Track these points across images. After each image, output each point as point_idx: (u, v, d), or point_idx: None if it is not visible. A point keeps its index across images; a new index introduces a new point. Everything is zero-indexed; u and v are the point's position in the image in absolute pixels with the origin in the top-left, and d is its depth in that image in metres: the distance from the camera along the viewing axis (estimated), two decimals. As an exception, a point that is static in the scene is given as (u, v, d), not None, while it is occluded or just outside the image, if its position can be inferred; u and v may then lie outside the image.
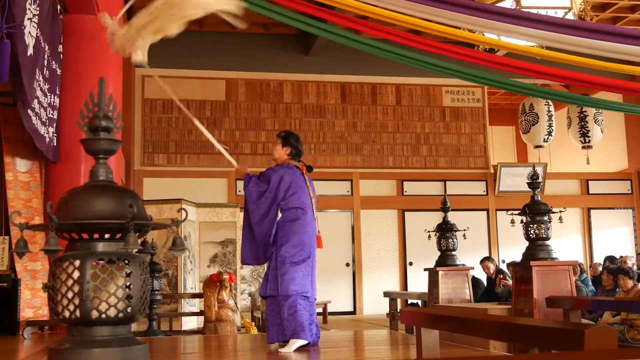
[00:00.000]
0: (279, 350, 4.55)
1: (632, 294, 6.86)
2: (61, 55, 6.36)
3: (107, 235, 2.09)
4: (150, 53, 12.54)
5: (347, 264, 12.75)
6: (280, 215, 4.81)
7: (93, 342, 1.99)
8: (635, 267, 9.37)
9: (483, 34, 7.41)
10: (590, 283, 8.97)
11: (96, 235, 2.07)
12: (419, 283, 11.43)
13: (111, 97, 2.23)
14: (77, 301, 1.97)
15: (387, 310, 8.54)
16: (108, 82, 6.59)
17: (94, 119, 2.15)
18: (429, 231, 6.99)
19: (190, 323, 8.49)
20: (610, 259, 10.22)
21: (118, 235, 2.10)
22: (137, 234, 2.11)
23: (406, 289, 12.49)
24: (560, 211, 4.96)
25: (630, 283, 6.94)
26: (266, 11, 6.33)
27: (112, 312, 1.99)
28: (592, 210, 13.89)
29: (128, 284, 2.03)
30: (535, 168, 5.15)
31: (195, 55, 12.52)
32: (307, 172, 5.01)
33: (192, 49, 12.49)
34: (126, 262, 2.04)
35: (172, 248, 2.26)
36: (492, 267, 9.05)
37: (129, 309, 2.02)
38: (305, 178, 4.94)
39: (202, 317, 7.22)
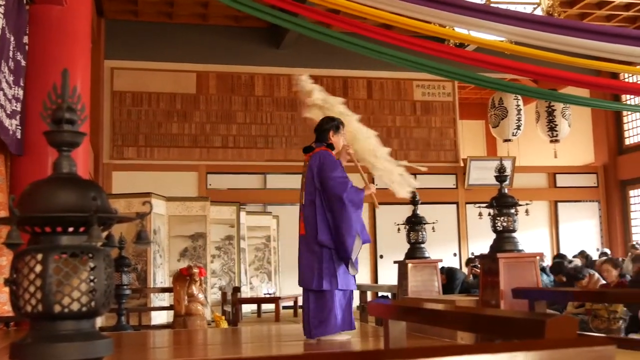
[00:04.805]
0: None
1: (592, 286, 7.03)
2: (26, 47, 6.25)
3: (70, 229, 2.06)
4: (120, 45, 12.46)
5: (318, 258, 12.75)
6: None
7: (56, 336, 1.96)
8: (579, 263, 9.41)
9: (453, 29, 7.47)
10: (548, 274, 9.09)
11: (59, 229, 2.05)
12: (389, 276, 11.50)
13: (75, 89, 2.20)
14: (39, 295, 1.94)
15: (357, 302, 8.57)
16: (76, 74, 6.51)
17: (57, 110, 2.12)
18: (398, 224, 7.03)
19: (160, 317, 8.45)
20: (560, 256, 10.40)
21: (82, 229, 2.07)
22: (102, 227, 2.09)
23: (377, 282, 12.56)
24: (527, 204, 5.03)
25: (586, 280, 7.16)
26: (237, 4, 6.30)
27: (75, 306, 1.96)
28: (559, 203, 14.11)
29: (92, 277, 2.01)
30: (503, 162, 5.21)
31: (166, 48, 12.42)
32: (305, 155, 5.07)
33: (162, 41, 12.39)
34: (90, 255, 2.02)
35: (137, 241, 2.24)
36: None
37: (92, 303, 2.00)
38: (304, 165, 5.00)
39: (172, 312, 7.18)
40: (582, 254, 10.10)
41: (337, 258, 4.68)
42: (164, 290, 8.10)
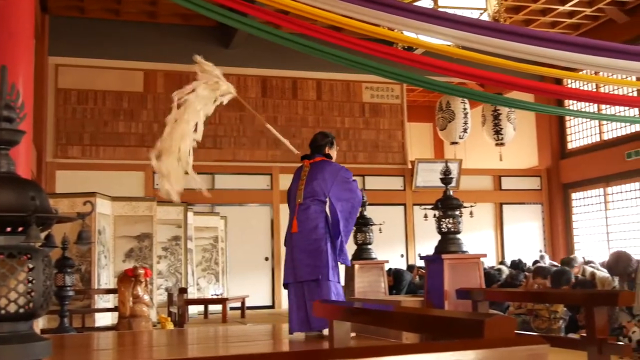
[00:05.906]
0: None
1: (529, 287, 7.22)
2: (-34, 41, 6.06)
3: (8, 229, 2.02)
4: (65, 41, 12.17)
5: (267, 258, 12.74)
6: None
7: (-8, 339, 1.92)
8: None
9: (402, 32, 7.54)
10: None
11: (-4, 229, 2.00)
12: (337, 277, 11.54)
13: (14, 86, 2.15)
14: (-26, 297, 1.89)
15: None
16: (17, 71, 6.33)
17: (-6, 108, 2.07)
18: (346, 225, 7.06)
19: (104, 319, 8.29)
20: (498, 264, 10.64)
21: (20, 229, 2.03)
22: (41, 227, 2.04)
23: (325, 283, 12.58)
24: (471, 206, 5.12)
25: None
26: (186, 2, 6.23)
27: (12, 308, 1.92)
28: (504, 205, 14.42)
29: (30, 278, 1.96)
30: (448, 164, 5.30)
31: (113, 45, 12.19)
32: (305, 161, 5.32)
33: (109, 39, 12.17)
34: (28, 256, 1.98)
35: (78, 242, 2.20)
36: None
37: (30, 305, 1.96)
38: (304, 170, 5.30)
39: (117, 313, 7.06)
40: (514, 264, 10.22)
41: (334, 251, 5.05)
42: (108, 291, 7.95)
